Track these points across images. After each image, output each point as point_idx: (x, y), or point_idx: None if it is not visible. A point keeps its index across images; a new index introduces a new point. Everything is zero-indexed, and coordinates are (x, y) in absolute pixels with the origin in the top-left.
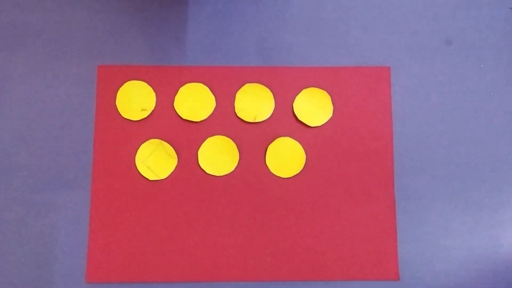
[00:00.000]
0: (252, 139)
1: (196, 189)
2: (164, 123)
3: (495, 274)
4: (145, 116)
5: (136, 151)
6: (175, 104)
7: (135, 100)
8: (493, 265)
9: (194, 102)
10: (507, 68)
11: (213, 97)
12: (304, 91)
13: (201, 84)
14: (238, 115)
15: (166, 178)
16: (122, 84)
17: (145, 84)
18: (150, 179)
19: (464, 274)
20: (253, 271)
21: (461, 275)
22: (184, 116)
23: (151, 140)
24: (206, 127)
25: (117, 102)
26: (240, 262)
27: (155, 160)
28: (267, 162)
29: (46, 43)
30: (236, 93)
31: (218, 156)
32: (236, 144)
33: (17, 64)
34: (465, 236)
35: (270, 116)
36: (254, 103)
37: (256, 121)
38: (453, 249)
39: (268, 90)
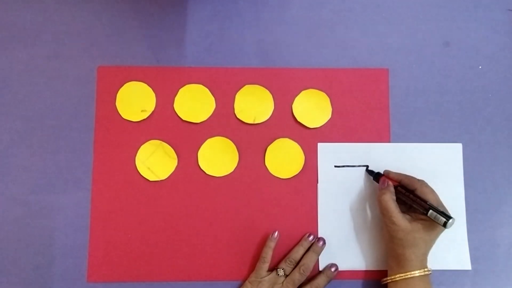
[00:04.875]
0: (252, 140)
1: (196, 190)
2: (164, 124)
3: None
4: (145, 117)
5: (136, 152)
6: (175, 105)
7: (135, 101)
8: None
9: (194, 103)
10: (506, 70)
11: (212, 98)
12: (303, 92)
13: (201, 85)
14: (238, 116)
15: (166, 178)
16: (122, 85)
17: (145, 85)
18: (150, 179)
19: None
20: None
21: None
22: (184, 117)
23: (151, 141)
24: (206, 128)
25: (117, 103)
26: (240, 262)
27: (155, 161)
28: (267, 163)
29: (46, 43)
30: (235, 94)
31: (218, 157)
32: (235, 145)
33: (17, 64)
34: None
35: (270, 117)
36: (254, 104)
37: (256, 122)
38: None
39: (268, 92)
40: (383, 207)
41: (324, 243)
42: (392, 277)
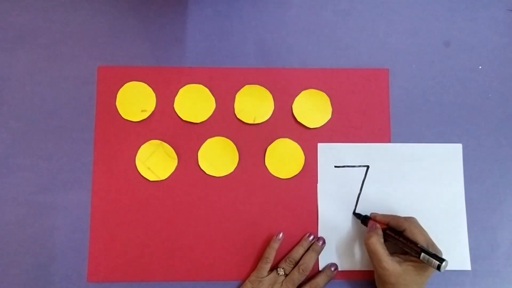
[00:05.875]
0: (252, 140)
1: (196, 190)
2: (164, 124)
3: None
4: (145, 117)
5: (136, 152)
6: (175, 105)
7: (135, 101)
8: None
9: (194, 103)
10: (505, 70)
11: (213, 98)
12: (303, 92)
13: (201, 85)
14: (238, 117)
15: (166, 178)
16: (122, 85)
17: (145, 85)
18: (150, 179)
19: None
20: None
21: None
22: (184, 117)
23: (151, 141)
24: (206, 128)
25: (117, 103)
26: (240, 262)
27: (155, 161)
28: (267, 163)
29: (46, 43)
30: (236, 94)
31: (218, 157)
32: (235, 145)
33: (17, 64)
34: None
35: (270, 118)
36: (254, 104)
37: (256, 122)
38: None
39: (268, 92)
40: (371, 251)
41: (324, 242)
42: None
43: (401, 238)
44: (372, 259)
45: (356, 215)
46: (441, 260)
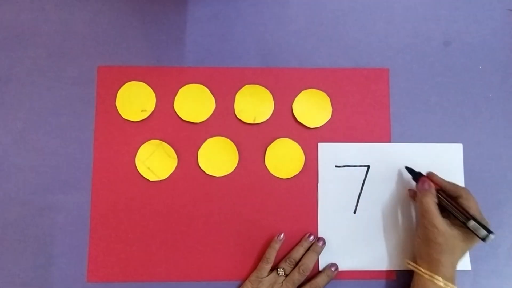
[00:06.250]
0: (252, 140)
1: (196, 190)
2: (164, 124)
3: None
4: (145, 117)
5: (136, 152)
6: (175, 105)
7: (135, 101)
8: None
9: (194, 103)
10: (505, 69)
11: (212, 98)
12: (303, 92)
13: (201, 85)
14: (238, 116)
15: (166, 178)
16: (122, 85)
17: (145, 85)
18: (150, 179)
19: None
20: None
21: None
22: (184, 117)
23: (151, 141)
24: (206, 128)
25: (117, 103)
26: (240, 262)
27: (155, 161)
28: (267, 163)
29: (46, 43)
30: (235, 94)
31: (218, 157)
32: (235, 145)
33: (17, 64)
34: None
35: (270, 117)
36: (254, 104)
37: (256, 122)
38: None
39: (268, 92)
40: (424, 210)
41: (324, 243)
42: (420, 269)
43: (453, 202)
44: (423, 217)
45: (409, 169)
46: (489, 231)
